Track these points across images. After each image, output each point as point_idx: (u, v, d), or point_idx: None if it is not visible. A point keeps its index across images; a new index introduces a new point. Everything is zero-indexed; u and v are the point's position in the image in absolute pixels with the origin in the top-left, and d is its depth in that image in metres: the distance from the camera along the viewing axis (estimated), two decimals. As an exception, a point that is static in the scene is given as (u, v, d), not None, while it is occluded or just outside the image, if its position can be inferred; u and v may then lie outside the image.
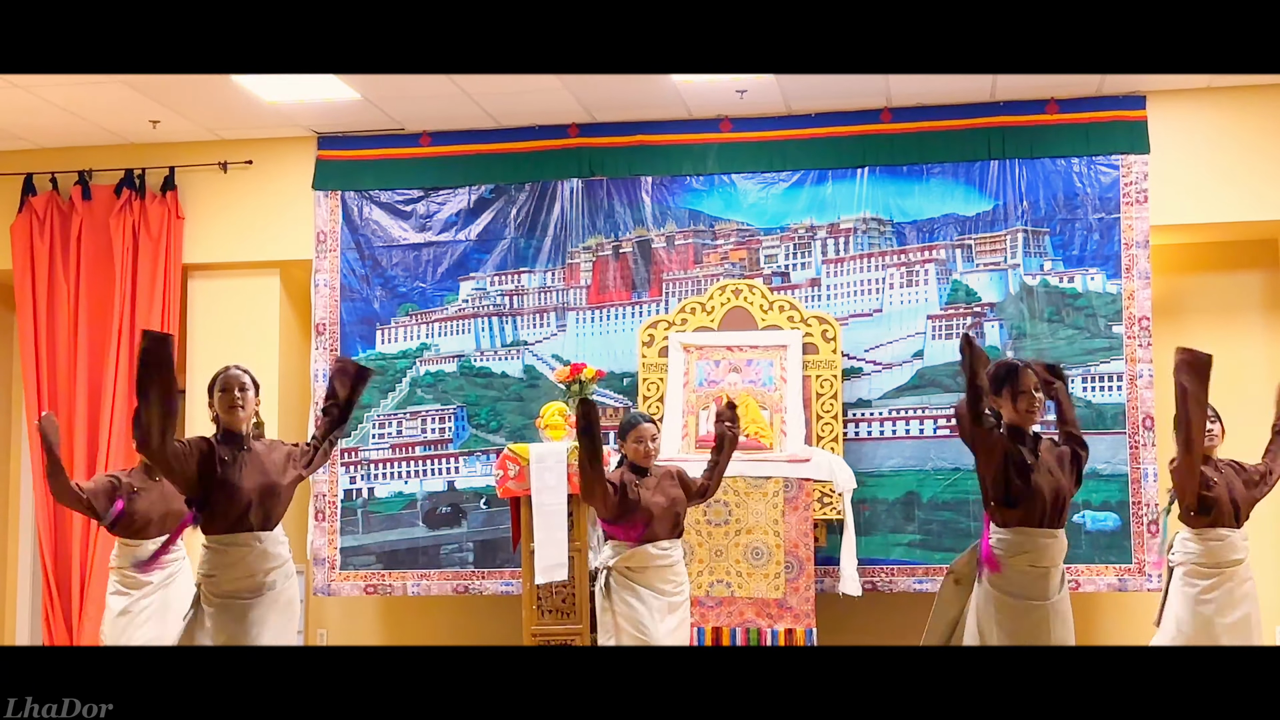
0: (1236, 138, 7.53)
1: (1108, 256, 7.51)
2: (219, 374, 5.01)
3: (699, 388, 7.47)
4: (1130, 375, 7.42)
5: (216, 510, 4.84)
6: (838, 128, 7.83)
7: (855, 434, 7.61)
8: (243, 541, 4.84)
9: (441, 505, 7.97)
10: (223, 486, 4.82)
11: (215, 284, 8.37)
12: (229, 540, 4.84)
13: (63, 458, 8.00)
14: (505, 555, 7.75)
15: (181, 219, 8.29)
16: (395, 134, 8.21)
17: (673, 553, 5.67)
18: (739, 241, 7.90)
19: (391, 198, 8.22)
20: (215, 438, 4.93)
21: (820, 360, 7.49)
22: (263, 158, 8.32)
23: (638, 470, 5.71)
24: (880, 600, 7.56)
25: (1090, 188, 7.57)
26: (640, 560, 5.58)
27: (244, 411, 4.94)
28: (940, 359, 7.60)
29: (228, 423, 4.94)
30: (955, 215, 7.69)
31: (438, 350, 8.10)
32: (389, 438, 8.07)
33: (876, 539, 7.50)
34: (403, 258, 8.17)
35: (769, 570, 6.95)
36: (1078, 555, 7.30)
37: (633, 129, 7.99)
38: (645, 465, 5.72)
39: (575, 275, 8.03)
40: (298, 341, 8.41)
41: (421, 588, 7.93)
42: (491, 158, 8.12)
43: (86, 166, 8.38)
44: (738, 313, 7.62)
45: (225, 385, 4.95)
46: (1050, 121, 7.63)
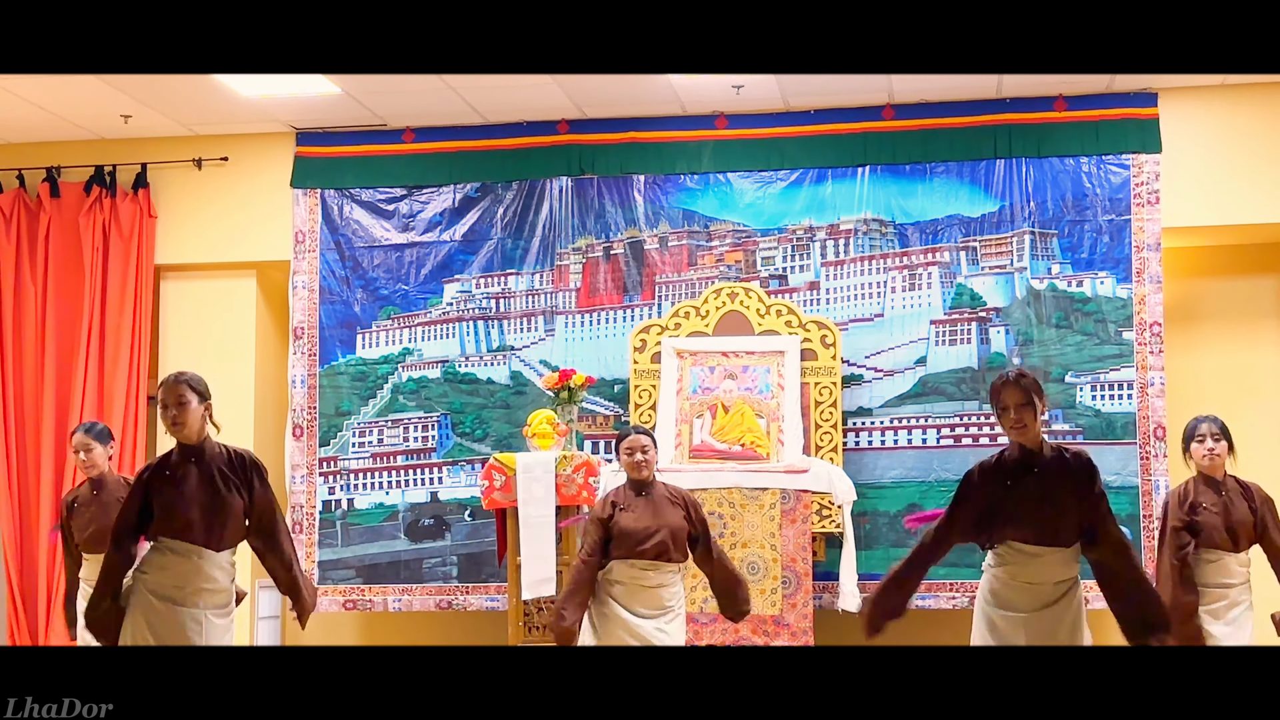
0: (1252, 136, 7.42)
1: (1118, 260, 7.40)
2: (160, 380, 4.86)
3: (693, 395, 7.30)
4: (1141, 383, 7.29)
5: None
6: (838, 125, 7.72)
7: (855, 444, 7.49)
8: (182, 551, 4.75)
9: (424, 517, 7.84)
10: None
11: (189, 286, 8.25)
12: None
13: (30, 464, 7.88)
14: (490, 569, 7.62)
15: (154, 218, 8.17)
16: (377, 130, 8.08)
17: (655, 576, 5.47)
18: (735, 243, 7.77)
19: (373, 196, 8.08)
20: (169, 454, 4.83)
21: (819, 367, 7.34)
22: (239, 154, 8.18)
23: (635, 487, 5.57)
24: (881, 617, 7.35)
25: (1100, 188, 7.45)
26: (617, 575, 5.46)
27: (186, 429, 4.76)
28: (944, 366, 7.50)
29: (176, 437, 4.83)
30: (959, 216, 7.59)
31: (421, 355, 7.96)
32: (369, 446, 7.93)
33: (877, 553, 7.34)
34: (385, 259, 8.03)
35: (765, 586, 6.81)
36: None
37: (625, 125, 7.88)
38: (641, 479, 5.58)
39: (564, 277, 7.87)
40: (275, 346, 8.28)
41: (403, 603, 7.77)
42: (477, 155, 8.00)
43: (55, 163, 8.25)
44: (733, 317, 7.47)
45: (162, 402, 4.80)
46: (1058, 119, 7.52)
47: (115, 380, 7.93)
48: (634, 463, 5.56)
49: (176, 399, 4.74)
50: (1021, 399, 4.58)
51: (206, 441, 4.81)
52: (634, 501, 5.52)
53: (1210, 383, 7.52)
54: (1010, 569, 4.62)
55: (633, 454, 5.56)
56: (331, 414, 7.92)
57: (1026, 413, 4.58)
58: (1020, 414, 4.58)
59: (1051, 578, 4.64)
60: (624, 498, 5.54)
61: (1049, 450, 4.66)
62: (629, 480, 5.60)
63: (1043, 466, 4.62)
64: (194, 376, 4.83)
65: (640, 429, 5.76)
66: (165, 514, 4.71)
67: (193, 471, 4.74)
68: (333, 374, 7.95)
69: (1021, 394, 4.58)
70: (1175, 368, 7.37)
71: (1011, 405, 4.59)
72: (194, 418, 4.76)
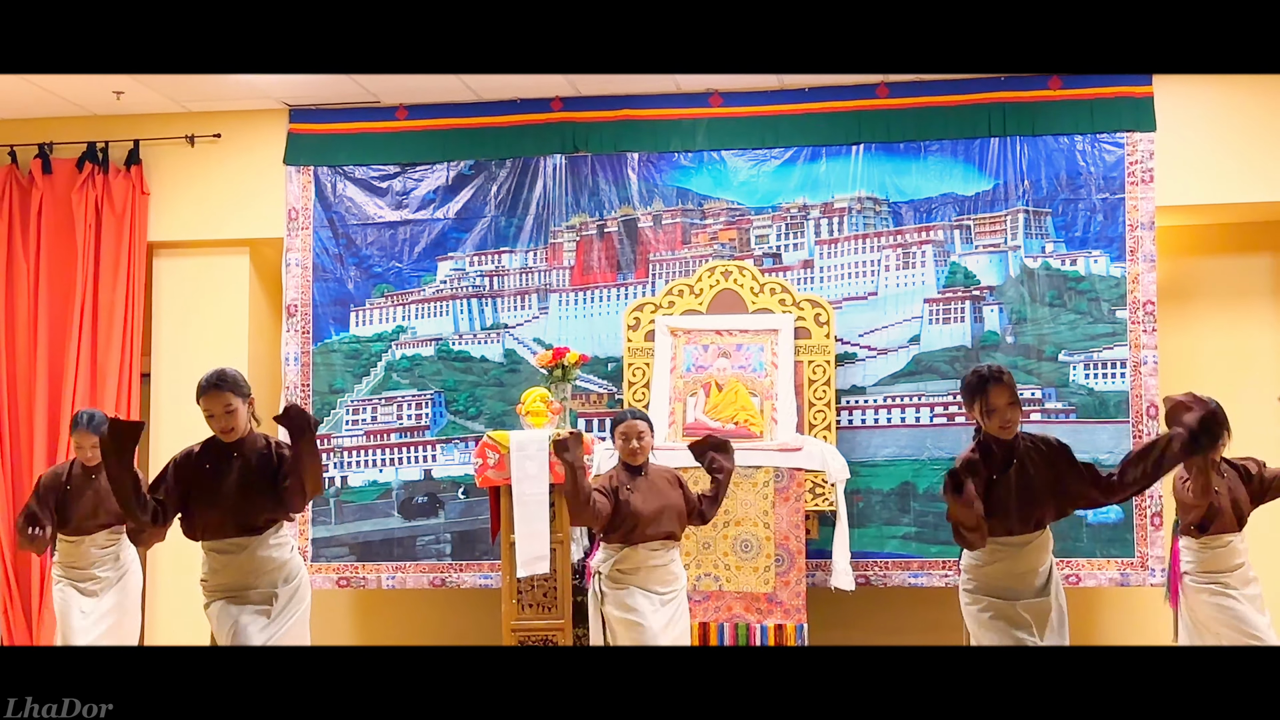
0: (1246, 115, 7.38)
1: (1112, 238, 7.36)
2: (201, 385, 4.79)
3: (687, 373, 7.27)
4: (1134, 362, 7.26)
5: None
6: (832, 103, 7.66)
7: (849, 422, 7.45)
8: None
9: (418, 495, 7.81)
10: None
11: (182, 263, 8.21)
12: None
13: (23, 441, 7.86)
14: (484, 547, 7.58)
15: (147, 194, 8.12)
16: (370, 107, 8.02)
17: (665, 555, 5.56)
18: (729, 221, 7.73)
19: (366, 174, 8.03)
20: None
21: (813, 345, 7.31)
22: (232, 131, 8.13)
23: (631, 469, 5.59)
24: (874, 595, 7.43)
25: (1094, 167, 7.41)
26: (632, 562, 5.52)
27: (237, 432, 4.77)
28: (937, 344, 7.47)
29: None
30: (954, 195, 7.54)
31: (414, 333, 7.92)
32: (363, 424, 7.89)
33: (870, 531, 7.37)
34: (378, 236, 7.99)
35: (759, 564, 6.78)
36: (1078, 549, 7.19)
37: (619, 103, 7.81)
38: (635, 463, 5.61)
39: (558, 255, 7.83)
40: (268, 323, 8.24)
41: (397, 580, 7.74)
42: (471, 132, 7.95)
43: (47, 139, 8.19)
44: (727, 295, 7.44)
45: (208, 412, 4.76)
46: (1053, 97, 7.47)
47: (108, 357, 7.90)
48: (630, 449, 5.58)
49: (224, 408, 4.72)
50: (1010, 398, 4.58)
51: (248, 436, 4.80)
52: (635, 483, 5.54)
53: (1203, 361, 7.51)
54: (1003, 565, 4.64)
55: (629, 439, 5.59)
56: (325, 391, 7.90)
57: (1015, 411, 4.59)
58: (1010, 413, 4.58)
59: (1040, 562, 4.67)
60: (624, 479, 5.55)
61: (1023, 441, 4.67)
62: (622, 464, 5.61)
63: (1020, 457, 4.63)
64: (233, 377, 4.78)
65: (638, 413, 5.76)
66: (199, 513, 4.73)
67: (228, 466, 4.72)
68: (326, 351, 7.92)
69: (1010, 393, 4.58)
70: (1168, 347, 7.36)
71: (1001, 406, 4.58)
72: (243, 420, 4.76)
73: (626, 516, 5.47)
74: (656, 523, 5.49)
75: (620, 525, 5.48)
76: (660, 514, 5.50)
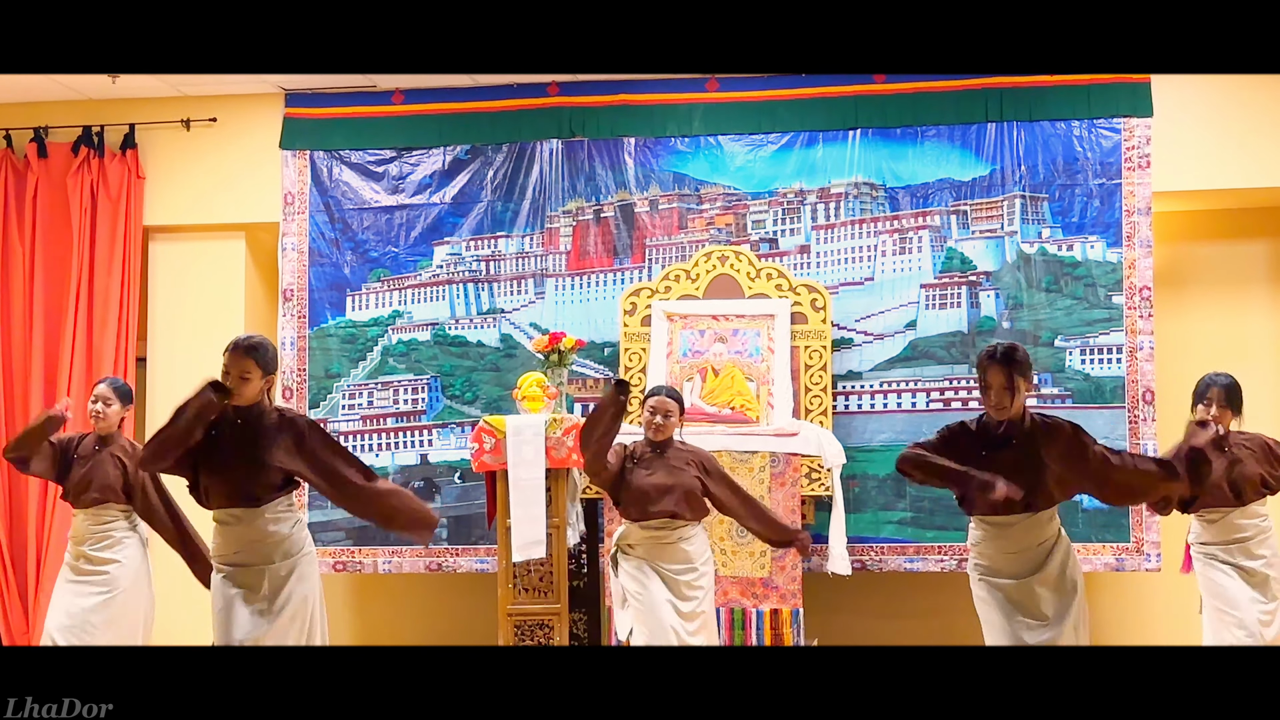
0: (1243, 101, 7.36)
1: (1108, 224, 7.36)
2: (232, 342, 4.79)
3: (683, 358, 7.27)
4: (1130, 347, 7.26)
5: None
6: (829, 88, 7.64)
7: (845, 407, 7.45)
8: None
9: (414, 479, 7.79)
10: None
11: (178, 247, 8.18)
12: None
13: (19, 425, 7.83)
14: (480, 532, 7.57)
15: (142, 179, 8.10)
16: (367, 91, 7.99)
17: (671, 534, 5.55)
18: (725, 206, 7.72)
19: (363, 158, 8.01)
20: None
21: (809, 330, 7.31)
22: (228, 115, 8.10)
23: (654, 445, 5.62)
24: (870, 580, 7.43)
25: (1091, 152, 7.41)
26: (632, 537, 5.59)
27: (240, 399, 4.72)
28: (934, 329, 7.47)
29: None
30: (950, 180, 7.53)
31: (410, 318, 7.91)
32: (359, 409, 7.89)
33: (866, 516, 7.37)
34: (374, 221, 7.97)
35: (754, 548, 6.78)
36: (1074, 534, 7.06)
37: (615, 88, 7.78)
38: (656, 440, 5.62)
39: (554, 240, 7.82)
40: (264, 308, 8.22)
41: (393, 565, 7.75)
42: (467, 117, 7.92)
43: (42, 123, 8.16)
44: (724, 280, 7.43)
45: (224, 368, 4.71)
46: (1050, 83, 7.43)
47: (104, 342, 7.88)
48: (654, 423, 5.59)
49: (240, 373, 4.67)
50: (1004, 381, 4.57)
51: (258, 404, 4.74)
52: (650, 458, 5.56)
53: (1200, 347, 7.50)
54: (996, 544, 4.67)
55: (655, 414, 5.59)
56: (321, 376, 7.89)
57: (1005, 395, 4.58)
58: (1000, 396, 4.59)
59: (1033, 541, 4.66)
60: (641, 452, 5.59)
61: (1029, 421, 4.66)
62: (646, 439, 5.63)
63: (1021, 438, 4.63)
64: (264, 348, 4.73)
65: (672, 392, 5.73)
66: (203, 477, 4.71)
67: (231, 433, 4.68)
68: (322, 336, 7.91)
69: (1004, 376, 4.57)
70: (1165, 332, 7.36)
71: (994, 386, 4.59)
72: (251, 391, 4.70)
73: (625, 492, 5.52)
74: (656, 502, 5.49)
75: (621, 500, 5.55)
76: (664, 493, 5.49)
